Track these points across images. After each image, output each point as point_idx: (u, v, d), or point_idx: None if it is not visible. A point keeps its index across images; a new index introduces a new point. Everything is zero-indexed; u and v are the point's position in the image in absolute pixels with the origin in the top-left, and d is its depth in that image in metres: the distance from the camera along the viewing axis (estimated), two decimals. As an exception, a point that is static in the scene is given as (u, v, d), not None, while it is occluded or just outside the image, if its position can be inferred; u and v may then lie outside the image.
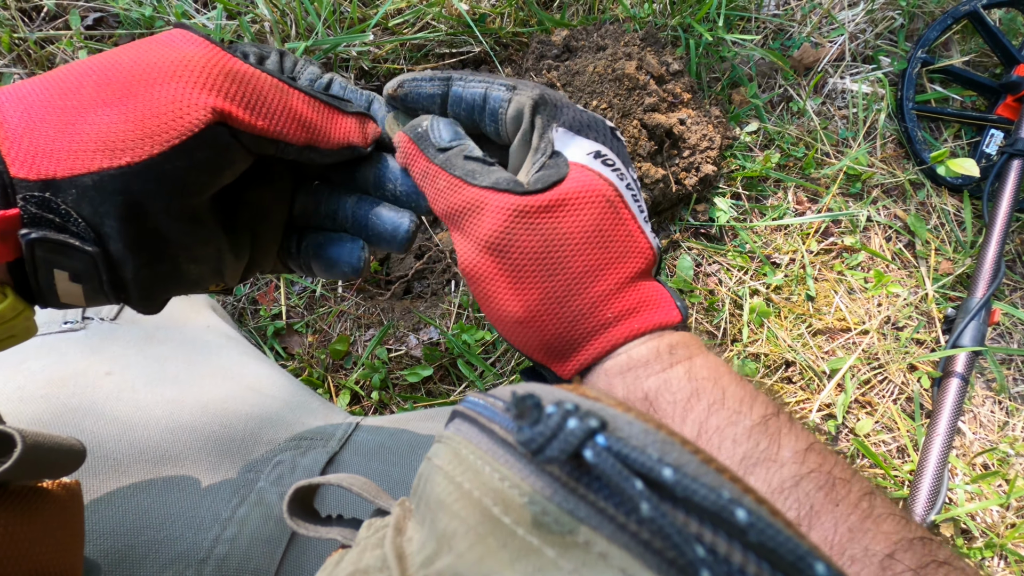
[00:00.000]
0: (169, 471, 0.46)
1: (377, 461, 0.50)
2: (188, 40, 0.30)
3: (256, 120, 0.30)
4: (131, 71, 0.28)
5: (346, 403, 0.85)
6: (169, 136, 0.27)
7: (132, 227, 0.28)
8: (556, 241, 0.31)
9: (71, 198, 0.27)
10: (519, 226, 0.31)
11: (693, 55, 0.99)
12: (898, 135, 1.05)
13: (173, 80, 0.28)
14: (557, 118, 0.34)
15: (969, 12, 1.04)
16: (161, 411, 0.49)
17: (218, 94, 0.29)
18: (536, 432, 0.17)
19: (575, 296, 0.32)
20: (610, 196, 0.32)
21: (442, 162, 0.34)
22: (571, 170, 0.32)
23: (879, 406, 0.91)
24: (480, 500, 0.19)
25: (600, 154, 0.33)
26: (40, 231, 0.27)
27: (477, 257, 0.33)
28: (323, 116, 0.33)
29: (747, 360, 0.92)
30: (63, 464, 0.34)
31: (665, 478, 0.15)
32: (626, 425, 0.17)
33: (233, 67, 0.30)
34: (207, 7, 0.97)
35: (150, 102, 0.28)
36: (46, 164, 0.26)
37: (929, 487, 0.82)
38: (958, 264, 0.98)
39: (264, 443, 0.50)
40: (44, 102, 0.28)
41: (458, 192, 0.33)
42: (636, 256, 0.33)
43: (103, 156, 0.27)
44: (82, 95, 0.28)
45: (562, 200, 0.31)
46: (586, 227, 0.32)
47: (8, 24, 0.91)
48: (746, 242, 0.97)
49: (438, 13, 0.93)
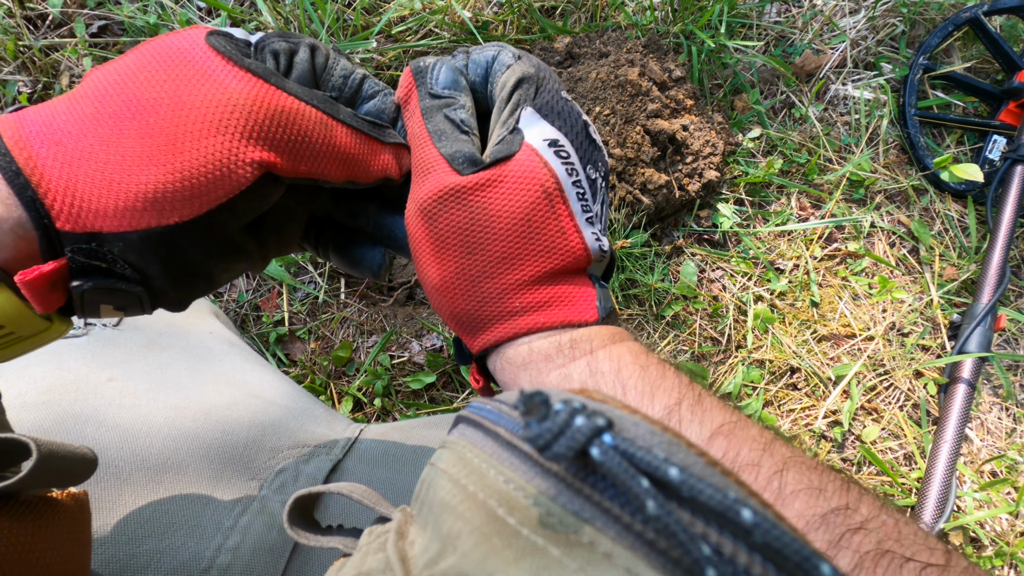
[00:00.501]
0: (171, 479, 0.46)
1: (382, 468, 0.50)
2: (227, 73, 0.29)
3: (300, 166, 0.30)
4: (173, 117, 0.27)
5: (348, 410, 0.84)
6: (217, 196, 0.28)
7: (175, 267, 0.29)
8: (481, 222, 0.31)
9: (118, 248, 0.27)
10: (450, 201, 0.32)
11: (695, 62, 0.99)
12: (901, 141, 1.05)
13: (219, 132, 0.28)
14: (533, 99, 0.33)
15: (970, 19, 1.04)
16: (163, 418, 0.49)
17: (264, 146, 0.29)
18: (544, 428, 0.17)
19: (488, 279, 0.32)
20: (548, 187, 0.32)
21: (425, 108, 0.34)
22: (520, 151, 0.32)
23: (885, 413, 0.91)
24: (485, 502, 0.19)
25: (556, 143, 0.33)
26: (90, 280, 0.27)
27: (413, 216, 0.33)
28: (364, 150, 0.33)
29: (752, 367, 0.91)
30: (75, 473, 0.34)
31: (671, 477, 0.15)
32: (632, 426, 0.18)
33: (277, 104, 0.29)
34: (211, 15, 0.97)
35: (197, 158, 0.27)
36: (92, 220, 0.26)
37: (937, 495, 0.82)
38: (963, 270, 0.98)
39: (267, 451, 0.50)
40: (82, 150, 0.27)
41: (421, 147, 0.33)
42: (561, 253, 0.33)
43: (151, 216, 0.27)
44: (123, 146, 0.27)
45: (498, 179, 0.31)
46: (513, 212, 0.31)
47: (13, 32, 0.91)
48: (750, 248, 0.97)
49: (441, 20, 0.93)
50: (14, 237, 0.26)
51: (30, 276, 0.25)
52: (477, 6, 0.94)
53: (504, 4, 0.97)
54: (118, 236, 0.27)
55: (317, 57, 0.33)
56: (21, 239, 0.26)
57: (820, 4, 1.08)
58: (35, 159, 0.26)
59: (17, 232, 0.26)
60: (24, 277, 0.25)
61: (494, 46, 0.36)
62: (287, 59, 0.32)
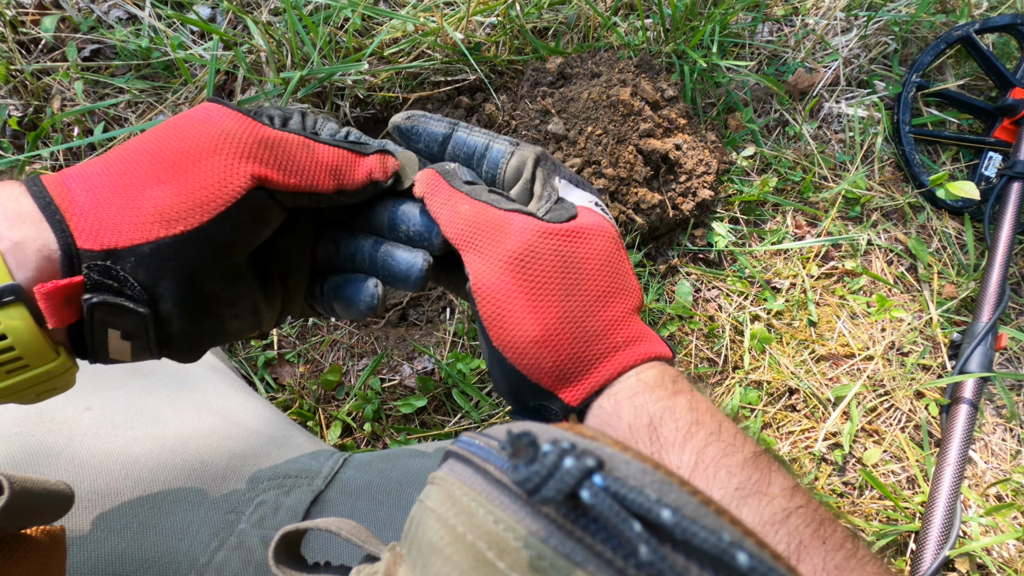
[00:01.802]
0: (146, 512, 0.44)
1: (364, 500, 0.48)
2: (223, 114, 0.34)
3: (289, 179, 0.34)
4: (179, 148, 0.32)
5: (338, 435, 0.82)
6: (216, 205, 0.31)
7: (182, 288, 0.31)
8: (575, 264, 0.34)
9: (129, 265, 0.30)
10: (543, 244, 0.34)
11: (688, 81, 0.99)
12: (896, 158, 1.05)
13: (216, 154, 0.32)
14: (558, 172, 0.37)
15: (962, 37, 1.04)
16: (140, 449, 0.47)
17: (255, 161, 0.32)
18: (532, 471, 0.17)
19: (590, 317, 0.34)
20: (615, 235, 0.36)
21: (468, 191, 0.36)
22: (580, 211, 0.36)
23: (886, 435, 0.89)
24: (474, 544, 0.18)
25: (598, 204, 0.37)
26: (100, 295, 0.30)
27: (497, 273, 0.34)
28: (347, 161, 0.37)
29: (749, 388, 0.90)
30: (50, 510, 0.33)
31: (664, 520, 0.15)
32: (623, 464, 0.17)
33: (264, 134, 0.34)
34: (203, 38, 0.98)
35: (198, 175, 0.31)
36: (109, 236, 0.30)
37: (942, 520, 0.79)
38: (962, 288, 0.97)
39: (247, 481, 0.48)
40: (106, 181, 0.31)
41: (483, 214, 0.35)
42: (634, 292, 0.36)
43: (160, 226, 0.30)
44: (139, 173, 0.31)
45: (579, 230, 0.35)
46: (600, 255, 0.35)
47: (5, 56, 0.91)
48: (745, 267, 0.96)
49: (433, 42, 0.93)
50: (39, 257, 0.29)
51: (49, 287, 0.28)
52: (469, 28, 0.95)
53: (496, 26, 0.98)
54: (131, 250, 0.30)
55: (307, 120, 0.38)
56: (45, 259, 0.29)
57: (812, 23, 1.09)
58: (68, 192, 0.30)
59: (43, 252, 0.29)
60: (43, 288, 0.28)
61: (481, 134, 0.39)
62: (281, 121, 0.37)
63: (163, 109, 0.94)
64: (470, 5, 0.91)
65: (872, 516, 0.85)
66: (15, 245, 0.28)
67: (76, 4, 0.97)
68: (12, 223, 0.28)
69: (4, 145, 0.90)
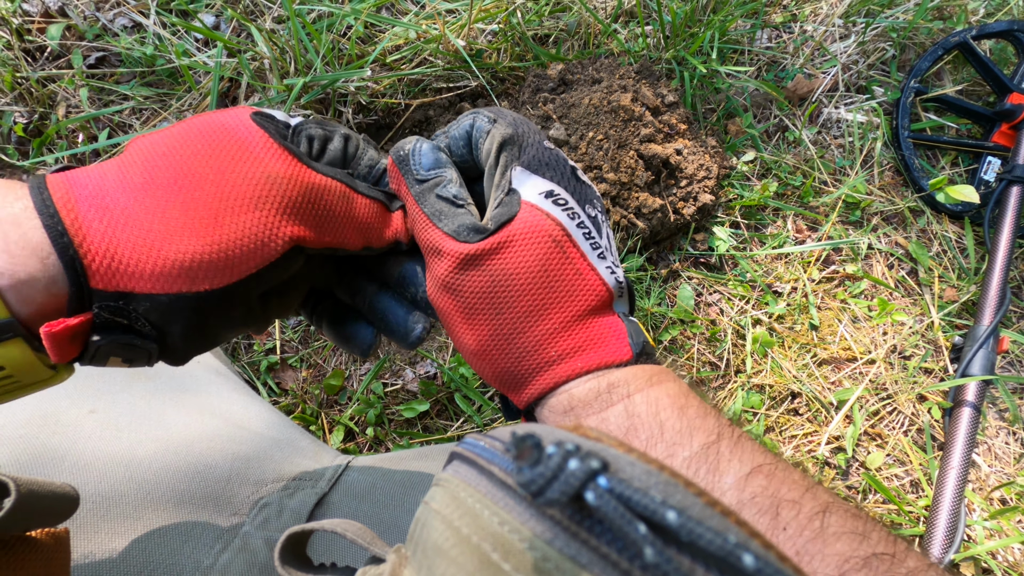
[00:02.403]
0: (150, 515, 0.44)
1: (368, 503, 0.48)
2: (266, 149, 0.31)
3: (324, 237, 0.33)
4: (216, 190, 0.29)
5: (340, 440, 0.82)
6: (247, 267, 0.30)
7: (192, 328, 0.30)
8: (503, 282, 0.33)
9: (143, 307, 0.28)
10: (468, 271, 0.33)
11: (688, 87, 1.00)
12: (895, 163, 1.05)
13: (257, 208, 0.30)
14: (519, 157, 0.35)
15: (959, 43, 1.05)
16: (144, 452, 0.47)
17: (296, 220, 0.31)
18: (536, 473, 0.16)
19: (520, 334, 0.33)
20: (556, 235, 0.33)
21: (417, 195, 0.35)
22: (521, 209, 0.33)
23: (889, 438, 0.89)
24: (479, 545, 0.18)
25: (552, 193, 0.34)
26: (110, 336, 0.28)
27: (437, 293, 0.35)
28: (378, 218, 0.36)
29: (751, 392, 0.90)
30: (56, 513, 0.33)
31: (669, 521, 0.15)
32: (628, 466, 0.17)
33: (308, 181, 0.32)
34: (208, 45, 0.98)
35: (234, 231, 0.29)
36: (126, 281, 0.28)
37: (946, 524, 0.79)
38: (962, 291, 0.97)
39: (250, 484, 0.48)
40: (127, 214, 0.28)
41: (424, 231, 0.35)
42: (585, 294, 0.34)
43: (183, 282, 0.28)
44: (168, 216, 0.28)
45: (508, 240, 0.33)
46: (531, 267, 0.33)
47: (11, 64, 0.92)
48: (747, 271, 0.96)
49: (435, 49, 0.94)
50: (45, 294, 0.27)
51: (56, 328, 0.26)
52: (471, 35, 0.96)
53: (498, 33, 0.99)
54: (147, 297, 0.28)
55: (349, 146, 0.37)
56: (51, 296, 0.27)
57: (810, 30, 1.10)
58: (81, 220, 0.27)
59: (50, 289, 0.27)
60: (50, 329, 0.26)
61: (467, 116, 0.37)
62: (320, 144, 0.35)
63: (167, 115, 0.95)
64: (472, 12, 0.92)
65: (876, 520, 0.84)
66: (19, 283, 0.26)
67: (82, 12, 0.98)
68: (16, 258, 0.26)
69: (9, 152, 0.91)
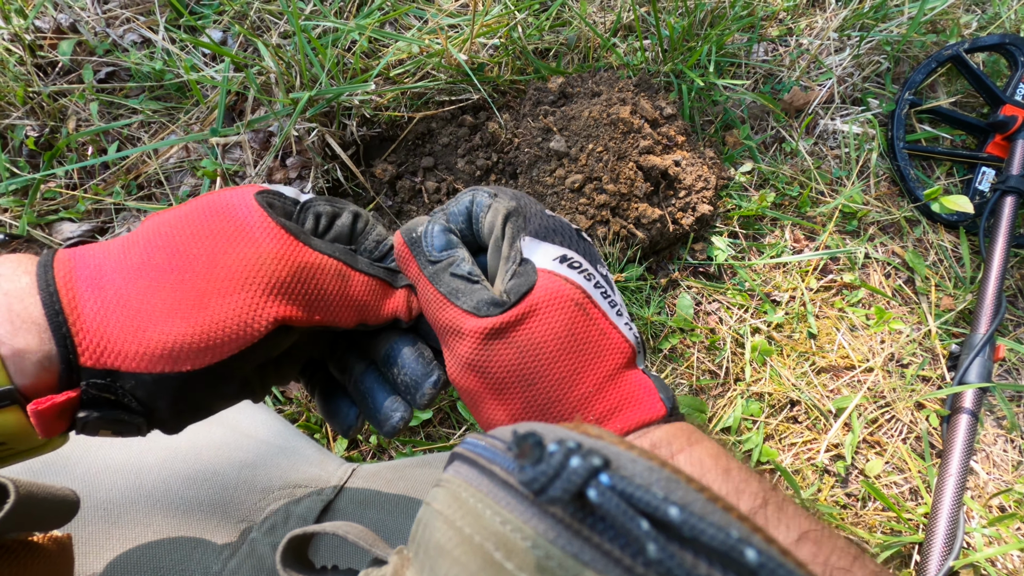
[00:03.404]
0: (160, 520, 0.45)
1: (373, 509, 0.49)
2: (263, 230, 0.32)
3: (314, 316, 0.33)
4: (205, 272, 0.30)
5: (343, 448, 0.83)
6: (231, 348, 0.30)
7: (180, 404, 0.31)
8: (531, 352, 0.32)
9: (130, 385, 0.29)
10: (493, 346, 0.32)
11: (686, 99, 1.02)
12: (891, 173, 1.07)
13: (243, 289, 0.30)
14: (525, 227, 0.35)
15: (952, 56, 1.07)
16: (154, 458, 0.48)
17: (283, 300, 0.31)
18: (538, 471, 0.16)
19: (556, 403, 0.32)
20: (577, 299, 0.33)
21: (430, 275, 0.35)
22: (539, 277, 0.33)
23: (888, 446, 0.89)
24: (481, 545, 0.18)
25: (566, 258, 0.34)
26: (96, 412, 0.29)
27: (461, 373, 0.34)
28: (377, 295, 0.36)
29: (751, 400, 0.91)
30: (57, 516, 0.33)
31: (672, 517, 0.15)
32: (630, 463, 0.17)
33: (300, 260, 0.32)
34: (215, 60, 1.00)
35: (218, 313, 0.30)
36: (113, 359, 0.29)
37: (945, 531, 0.80)
38: (959, 300, 0.98)
39: (257, 492, 0.49)
40: (120, 298, 0.29)
41: (442, 310, 0.34)
42: (612, 353, 0.33)
43: (166, 362, 0.29)
44: (156, 296, 0.30)
45: (532, 310, 0.32)
46: (558, 333, 0.32)
47: (23, 79, 0.94)
48: (745, 280, 0.97)
49: (438, 63, 0.96)
50: (39, 368, 0.28)
51: (43, 406, 0.27)
52: (473, 49, 0.98)
53: (499, 47, 1.01)
54: (133, 376, 0.29)
55: (358, 222, 0.37)
56: (45, 370, 0.28)
57: (806, 43, 1.12)
58: (77, 300, 0.29)
59: (43, 364, 0.28)
60: (37, 407, 0.27)
61: (466, 193, 0.37)
62: (328, 220, 0.36)
63: (175, 128, 0.97)
64: (474, 27, 0.94)
65: (875, 528, 0.85)
66: (17, 353, 0.27)
67: (92, 28, 1.00)
68: (17, 329, 0.27)
69: (21, 164, 0.92)
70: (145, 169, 0.95)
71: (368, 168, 0.99)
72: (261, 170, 0.92)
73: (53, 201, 0.92)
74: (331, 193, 0.96)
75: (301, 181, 0.94)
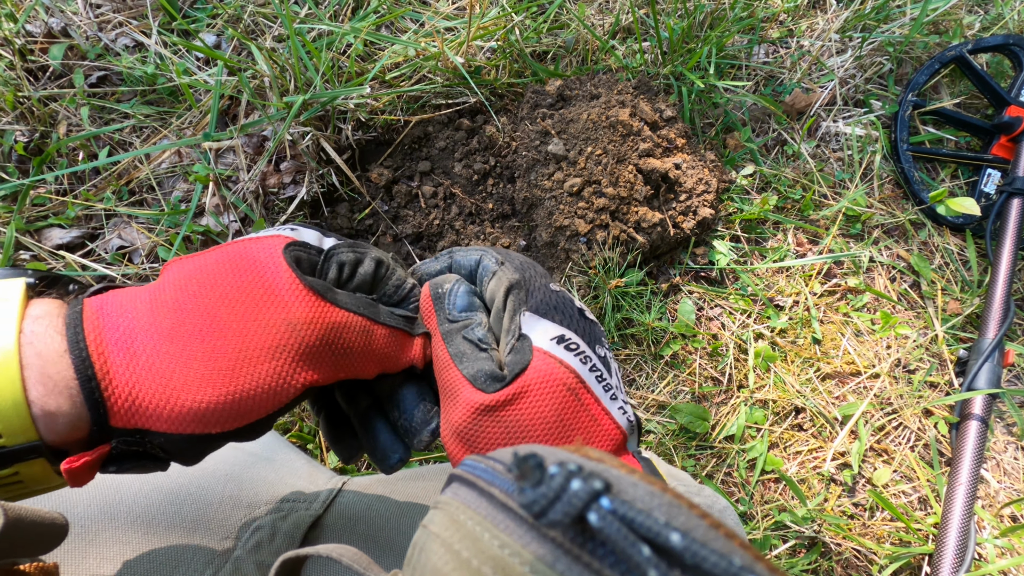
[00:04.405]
0: (140, 538, 0.43)
1: (363, 525, 0.47)
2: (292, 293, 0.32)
3: (339, 374, 0.34)
4: (236, 340, 0.31)
5: (337, 459, 0.81)
6: (259, 414, 0.31)
7: (205, 452, 0.32)
8: (518, 432, 0.32)
9: (159, 441, 0.30)
10: (483, 420, 0.33)
11: (686, 102, 1.00)
12: (895, 176, 1.05)
13: (274, 358, 0.31)
14: (527, 302, 0.35)
15: (956, 57, 1.05)
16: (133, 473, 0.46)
17: (312, 367, 0.32)
18: (538, 494, 0.16)
19: None
20: (570, 383, 0.33)
21: (444, 333, 0.36)
22: (534, 357, 0.33)
23: (896, 454, 0.87)
24: (479, 569, 0.18)
25: (563, 338, 0.34)
26: (126, 464, 0.30)
27: (449, 438, 0.34)
28: (396, 347, 0.37)
29: (755, 407, 0.89)
30: (44, 541, 0.32)
31: (673, 544, 0.15)
32: (631, 487, 0.17)
33: (328, 321, 0.33)
34: (208, 64, 0.99)
35: (249, 382, 0.30)
36: (143, 422, 0.29)
37: (956, 542, 0.78)
38: (966, 304, 0.96)
39: (243, 506, 0.47)
40: (151, 365, 0.30)
41: (445, 370, 0.35)
42: (601, 440, 0.34)
43: (195, 426, 0.30)
44: (188, 367, 0.30)
45: (524, 391, 0.33)
46: (546, 417, 0.33)
47: (13, 83, 0.93)
48: (748, 285, 0.95)
49: (434, 66, 0.95)
50: (70, 428, 0.28)
51: (76, 465, 0.27)
52: (469, 52, 0.96)
53: (496, 50, 0.99)
54: (162, 435, 0.30)
55: (380, 269, 0.38)
56: (75, 429, 0.29)
57: (807, 45, 1.10)
58: (109, 365, 0.29)
59: (74, 424, 0.28)
60: (70, 466, 0.27)
61: (476, 250, 0.39)
62: (351, 269, 0.36)
63: (167, 133, 0.95)
64: (470, 30, 0.93)
65: (884, 538, 0.83)
66: (48, 414, 0.28)
67: (84, 33, 0.99)
68: (49, 392, 0.28)
69: (10, 170, 0.91)
70: (137, 174, 0.93)
71: (364, 172, 0.97)
72: (254, 175, 0.91)
73: (42, 207, 0.90)
74: (326, 199, 0.95)
75: (295, 186, 0.92)
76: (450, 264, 0.40)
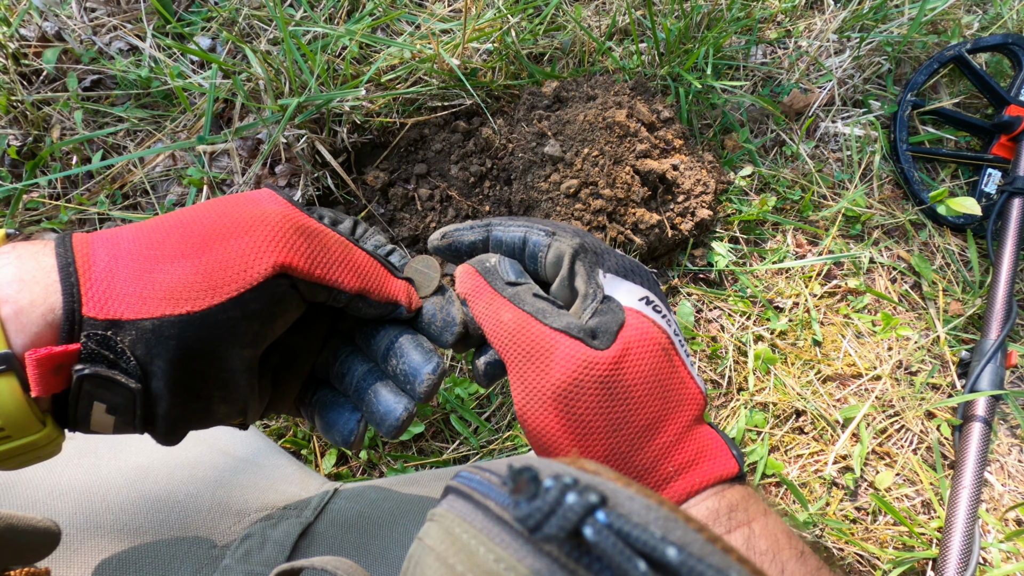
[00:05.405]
0: (125, 547, 0.42)
1: (355, 532, 0.46)
2: (271, 199, 0.34)
3: (315, 269, 0.32)
4: (212, 225, 0.31)
5: (332, 464, 0.80)
6: (230, 289, 0.30)
7: (177, 368, 0.29)
8: (621, 395, 0.31)
9: (129, 338, 0.29)
10: (587, 380, 0.31)
11: (683, 103, 1.00)
12: (894, 176, 1.05)
13: (245, 234, 0.31)
14: (601, 264, 0.34)
15: (955, 56, 1.05)
16: (123, 479, 0.46)
17: (284, 248, 0.31)
18: (533, 507, 0.16)
19: (639, 451, 0.31)
20: (664, 344, 0.32)
21: (511, 295, 0.34)
22: (627, 316, 0.32)
23: (898, 457, 0.86)
24: None
25: (649, 300, 0.33)
26: (92, 367, 0.28)
27: (540, 409, 0.31)
28: (379, 271, 0.36)
29: (755, 410, 0.88)
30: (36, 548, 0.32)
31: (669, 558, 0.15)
32: (627, 500, 0.17)
33: (305, 223, 0.33)
34: (203, 67, 0.99)
35: (219, 255, 0.30)
36: (115, 307, 0.29)
37: (960, 546, 0.76)
38: (968, 305, 0.95)
39: (233, 514, 0.46)
40: (130, 249, 0.30)
41: (527, 329, 0.32)
42: (690, 403, 0.33)
43: (166, 304, 0.29)
44: (165, 245, 0.31)
45: (625, 352, 0.31)
46: (647, 378, 0.31)
47: (6, 87, 0.92)
48: (747, 286, 0.94)
49: (430, 68, 0.94)
50: (42, 322, 0.28)
51: (42, 354, 0.27)
52: (465, 54, 0.96)
53: (492, 52, 0.99)
54: (133, 324, 0.28)
55: (357, 228, 0.38)
56: (47, 324, 0.28)
57: (805, 45, 1.10)
58: (90, 254, 0.30)
59: (47, 317, 0.28)
60: (36, 353, 0.26)
61: (518, 226, 0.37)
62: (331, 223, 0.36)
63: (161, 137, 0.95)
64: (466, 32, 0.92)
65: (887, 543, 0.81)
66: (19, 310, 0.27)
67: (78, 36, 0.99)
68: (23, 285, 0.28)
69: (3, 174, 0.90)
70: (130, 178, 0.93)
71: (359, 175, 0.97)
72: (249, 178, 0.90)
73: (35, 211, 0.90)
74: (322, 202, 0.94)
75: (291, 189, 0.92)
76: (486, 236, 0.38)
